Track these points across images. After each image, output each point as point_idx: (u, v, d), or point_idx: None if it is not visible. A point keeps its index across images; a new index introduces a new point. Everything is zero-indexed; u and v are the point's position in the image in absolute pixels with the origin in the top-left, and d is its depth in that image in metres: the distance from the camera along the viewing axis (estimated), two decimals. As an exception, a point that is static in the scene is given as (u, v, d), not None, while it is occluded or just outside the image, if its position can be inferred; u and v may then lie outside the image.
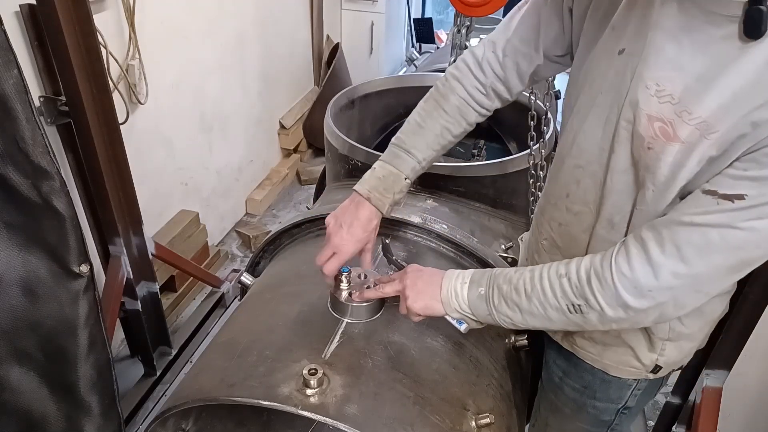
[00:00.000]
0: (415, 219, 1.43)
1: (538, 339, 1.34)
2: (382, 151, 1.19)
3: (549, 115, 1.66)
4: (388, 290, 1.09)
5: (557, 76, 1.47)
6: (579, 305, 0.90)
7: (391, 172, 1.15)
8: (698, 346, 1.15)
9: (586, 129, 0.98)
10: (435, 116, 1.17)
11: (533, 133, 1.60)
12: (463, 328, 1.03)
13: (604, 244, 1.00)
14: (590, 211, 1.02)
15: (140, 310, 2.21)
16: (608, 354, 1.12)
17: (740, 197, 0.75)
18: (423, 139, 1.16)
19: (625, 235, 0.95)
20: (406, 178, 1.15)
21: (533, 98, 1.67)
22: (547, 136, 1.63)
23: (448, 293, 1.01)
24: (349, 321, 1.13)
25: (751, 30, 0.73)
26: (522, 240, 1.45)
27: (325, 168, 2.05)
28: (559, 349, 1.22)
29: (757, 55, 0.73)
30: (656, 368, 1.10)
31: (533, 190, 1.65)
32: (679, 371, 1.48)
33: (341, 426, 0.90)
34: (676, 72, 0.81)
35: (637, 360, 1.10)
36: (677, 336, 1.06)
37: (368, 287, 1.13)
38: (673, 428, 1.81)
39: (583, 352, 1.16)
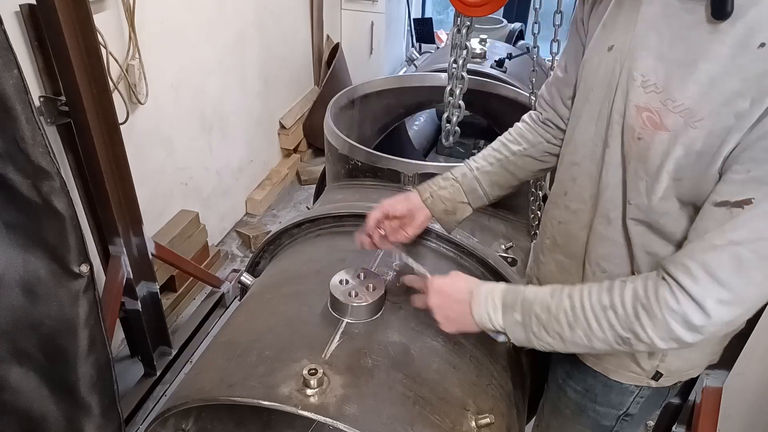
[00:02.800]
0: (415, 219, 1.43)
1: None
2: (382, 152, 1.20)
3: (549, 115, 1.66)
4: (418, 304, 1.08)
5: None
6: (627, 338, 0.85)
7: (443, 175, 1.25)
8: (708, 357, 1.13)
9: (580, 126, 1.01)
10: (500, 138, 1.26)
11: (533, 133, 1.60)
12: (500, 339, 1.00)
13: (602, 242, 1.00)
14: (587, 209, 1.02)
15: (140, 310, 2.21)
16: (608, 357, 1.12)
17: (748, 202, 0.73)
18: (482, 151, 1.27)
19: (622, 231, 0.96)
20: (454, 179, 1.22)
21: (533, 98, 1.67)
22: (547, 136, 1.62)
23: (481, 319, 0.98)
24: (349, 321, 1.13)
25: (717, 11, 0.74)
26: (534, 244, 1.46)
27: (325, 168, 2.05)
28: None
29: (726, 37, 0.74)
30: (657, 375, 1.09)
31: (533, 190, 1.65)
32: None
33: (341, 426, 0.90)
34: (658, 61, 0.83)
35: (636, 365, 1.09)
36: None
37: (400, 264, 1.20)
38: (673, 428, 1.81)
39: (581, 356, 1.16)
